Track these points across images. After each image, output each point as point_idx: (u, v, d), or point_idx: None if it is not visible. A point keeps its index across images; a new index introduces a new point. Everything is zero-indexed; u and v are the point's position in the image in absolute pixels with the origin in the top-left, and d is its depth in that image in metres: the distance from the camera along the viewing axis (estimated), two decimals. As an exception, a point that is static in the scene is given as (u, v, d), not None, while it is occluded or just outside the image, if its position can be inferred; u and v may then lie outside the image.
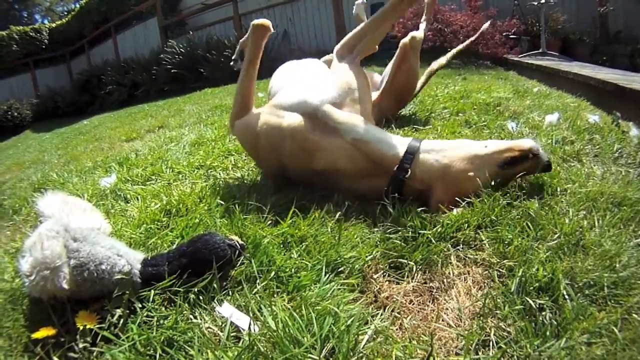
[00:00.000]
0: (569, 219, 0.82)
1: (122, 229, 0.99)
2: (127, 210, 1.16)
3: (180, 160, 1.63)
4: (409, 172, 0.95)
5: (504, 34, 4.63)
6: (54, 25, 10.92)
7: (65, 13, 14.12)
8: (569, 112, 1.74)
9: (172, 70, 6.44)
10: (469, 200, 0.92)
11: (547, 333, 0.60)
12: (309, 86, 1.14)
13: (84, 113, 7.73)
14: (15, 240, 1.20)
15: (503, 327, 0.63)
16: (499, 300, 0.67)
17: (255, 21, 1.20)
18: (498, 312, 0.65)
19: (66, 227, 0.74)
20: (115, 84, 7.45)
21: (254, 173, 1.31)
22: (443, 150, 0.97)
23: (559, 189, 0.96)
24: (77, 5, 10.54)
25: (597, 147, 1.23)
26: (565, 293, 0.65)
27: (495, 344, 0.60)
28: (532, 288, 0.67)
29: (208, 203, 1.06)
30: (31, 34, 10.37)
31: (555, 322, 0.62)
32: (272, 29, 1.22)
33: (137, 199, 1.24)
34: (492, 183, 0.93)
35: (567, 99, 2.16)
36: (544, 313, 0.63)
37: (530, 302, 0.65)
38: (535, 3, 4.51)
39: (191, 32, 6.98)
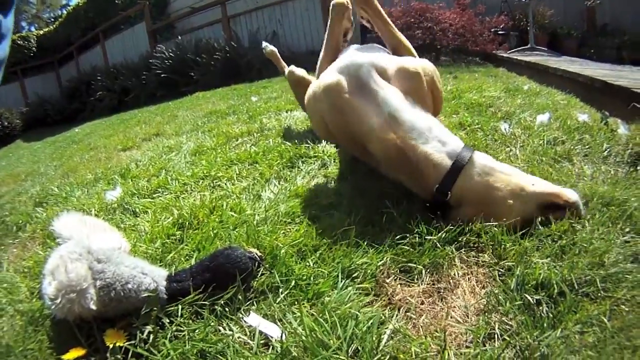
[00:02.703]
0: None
1: (137, 244, 1.02)
2: (138, 225, 1.19)
3: (184, 170, 1.66)
4: (449, 195, 0.90)
5: (492, 30, 4.72)
6: (41, 32, 10.78)
7: (52, 20, 13.92)
8: (560, 110, 1.81)
9: (162, 75, 6.42)
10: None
11: (545, 325, 0.66)
12: (360, 51, 1.19)
13: (75, 120, 7.66)
14: (25, 259, 1.20)
15: (506, 321, 0.69)
16: (500, 297, 0.73)
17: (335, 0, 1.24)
18: (500, 308, 0.71)
19: (88, 249, 0.76)
20: (105, 90, 7.40)
21: (259, 183, 1.35)
22: (493, 172, 0.90)
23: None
24: (64, 12, 10.39)
25: (587, 146, 1.29)
26: (559, 291, 0.71)
27: (499, 337, 0.66)
28: (529, 285, 0.73)
29: (219, 215, 1.10)
30: (19, 42, 10.20)
31: (552, 315, 0.67)
32: (350, 6, 1.26)
33: (147, 213, 1.27)
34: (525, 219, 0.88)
35: (556, 96, 2.23)
36: (541, 307, 0.69)
37: (529, 297, 0.71)
38: (524, 0, 4.60)
39: (180, 37, 6.96)
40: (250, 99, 3.63)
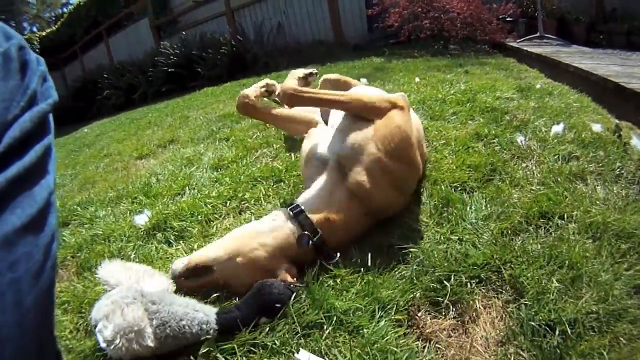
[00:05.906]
0: (576, 249, 0.95)
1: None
2: (173, 256, 1.23)
3: (209, 189, 1.69)
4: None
5: (500, 17, 4.64)
6: (44, 33, 10.82)
7: (54, 19, 13.92)
8: (574, 117, 1.83)
9: (169, 71, 6.43)
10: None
11: (553, 357, 0.74)
12: None
13: (83, 119, 7.70)
14: (61, 290, 1.19)
15: (520, 352, 0.77)
16: (516, 331, 0.81)
17: None
18: (515, 341, 0.80)
19: (141, 292, 0.84)
20: (111, 87, 7.43)
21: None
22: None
23: (566, 216, 1.08)
24: (65, 10, 10.37)
25: (600, 164, 1.33)
26: (568, 325, 0.79)
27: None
28: (541, 322, 0.81)
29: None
30: (22, 44, 10.26)
31: (560, 349, 0.75)
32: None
33: (180, 242, 1.31)
34: None
35: (569, 98, 2.24)
36: (551, 340, 0.77)
37: (541, 331, 0.79)
38: (532, -14, 4.49)
39: (184, 32, 6.92)
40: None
